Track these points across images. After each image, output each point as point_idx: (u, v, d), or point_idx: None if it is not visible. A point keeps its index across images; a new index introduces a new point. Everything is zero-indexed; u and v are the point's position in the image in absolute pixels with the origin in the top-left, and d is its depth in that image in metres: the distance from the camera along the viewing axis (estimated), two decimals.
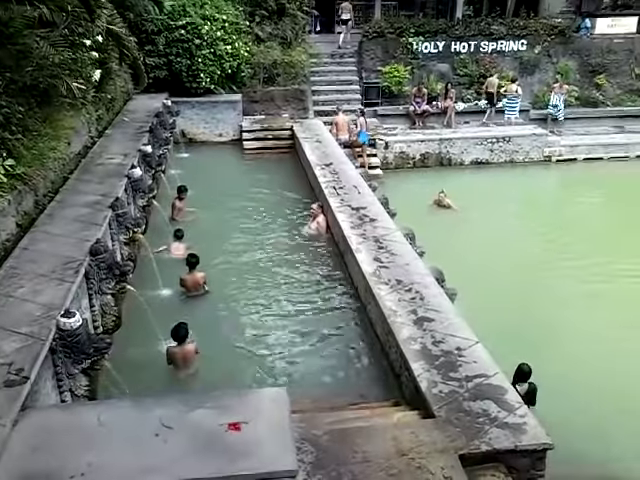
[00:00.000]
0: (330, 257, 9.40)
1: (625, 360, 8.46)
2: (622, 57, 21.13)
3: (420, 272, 7.67)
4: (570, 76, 20.38)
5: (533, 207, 14.89)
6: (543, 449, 4.90)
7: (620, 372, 8.18)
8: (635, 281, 10.82)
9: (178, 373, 6.65)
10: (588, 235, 13.12)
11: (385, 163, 16.60)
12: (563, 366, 8.27)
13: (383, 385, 6.36)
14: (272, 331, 7.46)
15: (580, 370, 8.18)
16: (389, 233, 8.88)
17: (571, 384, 7.88)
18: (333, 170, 12.13)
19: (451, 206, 13.86)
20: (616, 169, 17.30)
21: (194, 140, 16.00)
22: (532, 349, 8.53)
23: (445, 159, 16.93)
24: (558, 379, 7.92)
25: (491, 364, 5.84)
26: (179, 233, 9.25)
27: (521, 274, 10.96)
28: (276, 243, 9.98)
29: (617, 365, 8.33)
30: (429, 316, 6.60)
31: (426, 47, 20.03)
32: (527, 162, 17.16)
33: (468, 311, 7.40)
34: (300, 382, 6.45)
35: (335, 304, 8.03)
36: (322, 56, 19.93)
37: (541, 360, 8.27)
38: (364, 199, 10.44)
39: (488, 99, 19.35)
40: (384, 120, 18.76)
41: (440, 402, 5.25)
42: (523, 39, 20.56)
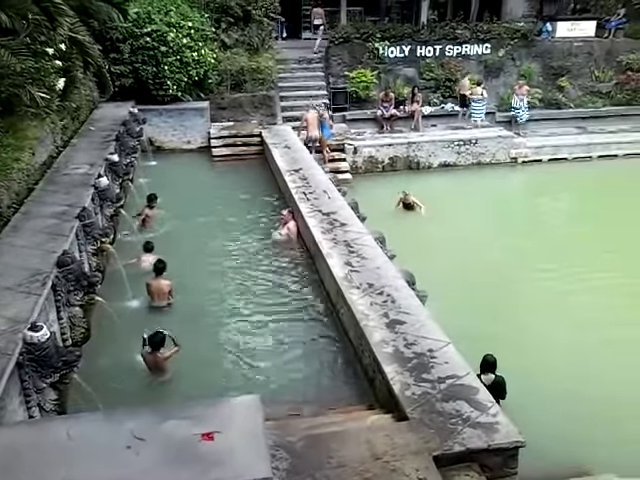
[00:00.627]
0: (301, 262, 9.40)
1: (592, 361, 8.61)
2: (582, 60, 21.60)
3: (391, 275, 7.72)
4: (533, 78, 20.74)
5: (501, 208, 15.12)
6: (515, 447, 4.96)
7: (587, 373, 8.32)
8: (603, 282, 11.02)
9: (151, 379, 6.58)
10: (555, 235, 13.36)
11: (354, 167, 16.67)
12: (531, 366, 8.39)
13: (357, 389, 6.38)
14: (243, 338, 7.43)
15: (547, 370, 8.31)
16: (360, 237, 8.92)
17: (540, 383, 8.01)
18: (303, 175, 12.15)
19: (416, 203, 13.90)
20: (580, 169, 17.67)
21: (162, 148, 15.86)
22: (502, 349, 8.60)
23: (413, 162, 17.07)
24: (526, 377, 8.04)
25: (463, 365, 5.91)
26: (149, 245, 9.13)
27: (490, 275, 11.09)
28: (246, 249, 9.94)
29: (584, 366, 8.46)
30: (401, 319, 6.64)
31: (392, 52, 20.20)
32: (494, 164, 17.41)
33: (439, 313, 7.48)
34: (273, 389, 6.44)
35: (307, 309, 8.03)
36: (289, 62, 19.96)
37: (510, 360, 8.39)
38: (334, 204, 10.47)
39: (461, 101, 19.59)
40: (352, 125, 18.85)
41: (413, 404, 5.29)
42: (487, 43, 20.88)
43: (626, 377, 8.24)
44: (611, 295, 10.58)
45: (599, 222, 13.89)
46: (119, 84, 15.42)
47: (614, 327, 9.49)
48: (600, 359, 8.65)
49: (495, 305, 10.03)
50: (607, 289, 10.81)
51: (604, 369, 8.39)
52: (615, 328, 9.45)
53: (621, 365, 8.52)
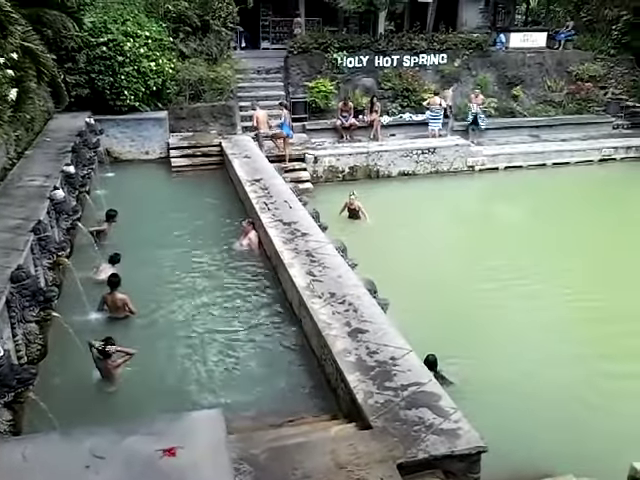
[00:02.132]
0: (263, 273, 9.37)
1: (548, 363, 8.76)
2: (535, 70, 22.20)
3: (353, 284, 7.76)
4: (489, 88, 21.19)
5: (459, 216, 15.35)
6: (478, 452, 5.03)
7: (544, 376, 8.45)
8: (559, 285, 11.29)
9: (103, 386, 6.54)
10: (512, 241, 13.61)
11: (315, 177, 16.71)
12: (490, 370, 8.51)
13: (320, 399, 6.37)
14: (204, 350, 7.34)
15: (505, 374, 8.42)
16: (321, 246, 8.95)
17: (498, 388, 8.11)
18: (263, 185, 12.14)
19: (361, 210, 13.92)
20: (535, 177, 18.09)
21: (120, 159, 15.62)
22: (461, 354, 8.77)
23: (373, 171, 17.20)
24: (485, 382, 8.15)
25: (425, 372, 5.98)
26: (116, 257, 8.98)
27: (449, 281, 11.23)
28: (207, 261, 9.85)
29: (540, 369, 8.58)
30: (363, 327, 6.68)
31: (351, 62, 20.37)
32: (452, 172, 17.68)
33: (401, 320, 7.55)
34: (236, 401, 6.38)
35: (269, 320, 7.99)
36: (248, 72, 19.94)
37: (469, 365, 8.54)
38: (295, 213, 10.49)
39: (444, 113, 19.71)
40: (312, 135, 18.92)
41: (377, 412, 5.31)
42: (443, 53, 21.24)
43: (583, 380, 8.43)
44: (569, 299, 10.82)
45: (554, 228, 14.23)
46: (75, 94, 15.18)
47: (571, 329, 9.75)
48: (556, 361, 8.83)
49: (454, 311, 10.14)
50: (564, 292, 11.05)
51: (560, 372, 8.56)
52: (571, 330, 9.71)
53: (577, 368, 8.71)
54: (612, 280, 11.67)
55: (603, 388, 8.22)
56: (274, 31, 25.05)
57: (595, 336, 9.57)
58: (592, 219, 14.83)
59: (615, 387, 8.23)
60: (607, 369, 8.65)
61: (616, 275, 11.90)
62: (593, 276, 11.90)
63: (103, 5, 16.52)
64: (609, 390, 8.17)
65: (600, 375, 8.54)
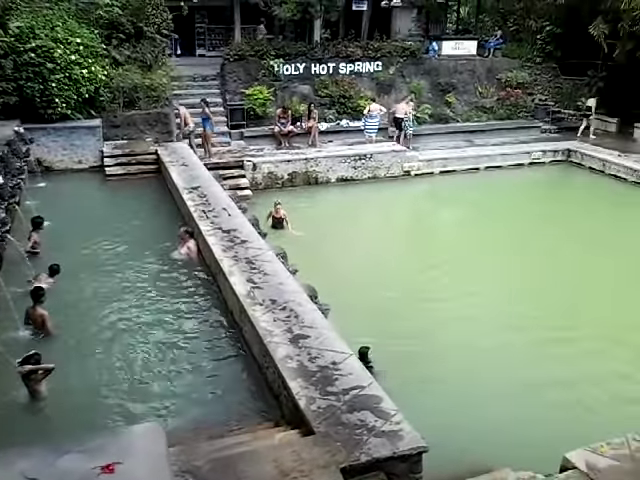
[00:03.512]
0: (202, 281, 9.26)
1: (486, 363, 9.03)
2: (467, 77, 22.89)
3: (293, 290, 7.78)
4: (423, 94, 21.68)
5: (396, 219, 15.67)
6: (419, 452, 5.13)
7: (481, 374, 8.71)
8: (497, 283, 11.68)
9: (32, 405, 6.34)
10: (447, 243, 14.01)
11: (254, 184, 16.65)
12: (428, 371, 8.71)
13: (263, 407, 6.35)
14: (143, 362, 7.19)
15: (443, 375, 8.64)
16: (261, 253, 8.94)
17: (437, 383, 8.32)
18: (201, 193, 12.03)
19: (286, 218, 13.93)
20: (469, 180, 18.62)
21: (51, 168, 15.12)
22: (401, 355, 8.93)
23: (312, 178, 17.30)
24: (423, 383, 8.35)
25: (366, 375, 6.05)
26: (55, 266, 8.70)
27: (388, 285, 11.43)
28: (144, 271, 9.65)
29: (478, 368, 8.83)
30: (304, 333, 6.71)
31: (287, 69, 20.46)
32: (389, 177, 17.97)
33: (341, 324, 7.64)
34: (177, 413, 6.27)
35: (209, 329, 7.91)
36: (184, 79, 19.71)
37: (409, 366, 8.71)
38: (234, 221, 10.43)
39: (396, 124, 19.95)
40: (250, 141, 18.87)
41: (319, 418, 5.34)
42: (378, 60, 21.63)
43: (517, 373, 8.72)
44: (504, 294, 11.26)
45: (488, 228, 14.73)
46: (2, 102, 14.60)
47: (506, 324, 10.06)
48: (490, 356, 9.11)
49: (393, 313, 10.33)
50: (500, 288, 11.51)
51: (495, 366, 8.84)
52: (506, 325, 10.02)
53: (511, 361, 9.03)
54: (546, 274, 12.23)
55: (537, 380, 8.52)
56: (210, 38, 24.90)
57: (531, 330, 9.94)
58: (523, 219, 15.43)
59: (549, 379, 8.55)
60: (541, 361, 8.99)
61: (549, 268, 12.48)
62: (528, 271, 12.38)
63: (30, 10, 16.00)
64: (543, 382, 8.48)
65: (534, 367, 8.86)
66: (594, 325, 10.21)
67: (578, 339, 9.65)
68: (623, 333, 9.88)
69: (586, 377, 8.71)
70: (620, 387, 8.59)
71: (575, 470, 5.28)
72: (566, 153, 20.57)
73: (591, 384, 8.58)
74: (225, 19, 23.68)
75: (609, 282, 12.01)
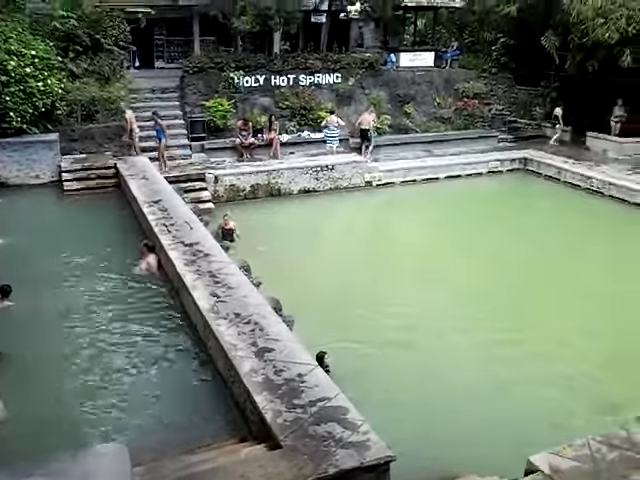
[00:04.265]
0: (164, 297, 9.15)
1: (451, 368, 9.17)
2: (425, 88, 23.26)
3: (258, 303, 7.77)
4: (382, 106, 21.93)
5: (358, 229, 15.80)
6: (386, 462, 5.16)
7: (448, 381, 8.84)
8: (456, 292, 11.85)
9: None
10: (409, 250, 14.17)
11: (216, 196, 16.56)
12: (395, 379, 8.78)
13: (229, 422, 6.30)
14: (104, 381, 7.05)
15: (410, 382, 8.73)
16: (224, 267, 8.89)
17: (404, 395, 8.38)
18: (162, 207, 11.91)
19: (235, 231, 13.87)
20: (428, 190, 18.88)
21: (6, 184, 14.77)
22: (366, 363, 8.99)
23: (274, 189, 17.31)
24: (390, 392, 8.41)
25: (332, 386, 6.06)
26: (6, 287, 8.46)
27: (353, 292, 11.53)
28: (104, 288, 9.48)
29: (445, 374, 8.98)
30: (269, 346, 6.69)
31: (247, 81, 20.47)
32: (351, 188, 18.10)
33: (307, 336, 7.65)
34: (141, 432, 6.17)
35: (173, 345, 7.81)
36: (143, 91, 19.52)
37: (375, 374, 8.77)
38: (197, 234, 10.36)
39: (361, 136, 19.97)
40: (212, 154, 18.76)
41: (286, 431, 5.33)
42: (338, 72, 21.81)
43: (481, 377, 8.86)
44: (463, 300, 11.52)
45: (448, 235, 15.01)
46: None
47: (466, 329, 10.23)
48: (454, 362, 9.25)
49: (356, 322, 10.41)
50: (459, 294, 11.75)
51: (457, 370, 8.97)
52: (465, 330, 10.20)
53: (473, 366, 9.17)
54: (501, 277, 12.64)
55: (501, 385, 8.69)
56: (169, 50, 24.72)
57: (490, 334, 10.13)
58: (481, 226, 15.78)
59: (512, 384, 8.71)
60: (503, 366, 9.16)
61: (505, 273, 12.89)
62: (484, 276, 12.68)
63: None
64: (507, 387, 8.65)
65: (496, 372, 9.02)
66: (542, 327, 10.52)
67: (527, 342, 9.91)
68: (568, 335, 10.18)
69: (535, 379, 8.90)
70: (571, 388, 8.81)
71: (539, 473, 5.37)
72: (523, 162, 21.08)
73: (542, 386, 8.76)
74: (184, 31, 23.57)
75: (557, 285, 12.38)
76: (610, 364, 9.49)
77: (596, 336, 10.17)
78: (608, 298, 11.78)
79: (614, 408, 8.26)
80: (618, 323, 10.84)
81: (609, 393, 8.70)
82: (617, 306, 11.47)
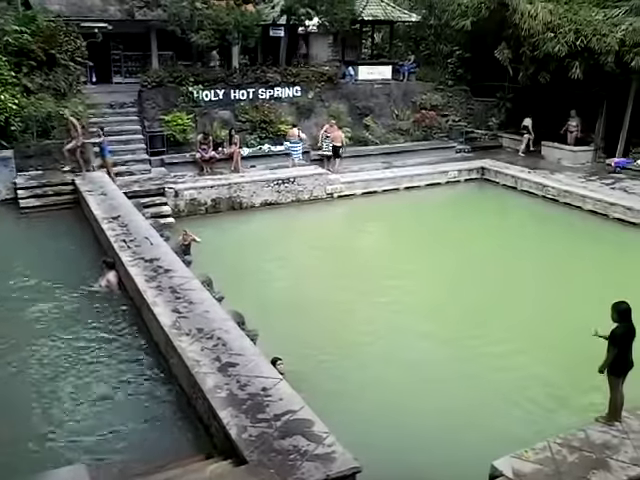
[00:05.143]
0: (125, 314, 9.02)
1: (411, 373, 9.26)
2: (383, 100, 23.56)
3: (220, 318, 7.73)
4: (342, 118, 22.10)
5: (320, 241, 15.84)
6: (353, 473, 5.18)
7: (406, 385, 8.94)
8: (418, 299, 12.01)
9: None
10: (370, 261, 14.28)
11: (177, 211, 16.42)
12: (360, 389, 8.83)
13: (193, 439, 6.24)
14: (64, 402, 6.91)
15: (375, 393, 8.78)
16: (186, 282, 8.82)
17: (369, 406, 8.42)
18: (122, 222, 11.77)
19: (193, 242, 13.77)
20: (389, 201, 19.08)
21: None
22: (331, 376, 9.01)
23: (236, 203, 17.25)
24: (354, 401, 8.44)
25: (297, 399, 6.06)
26: None
27: (315, 304, 11.56)
28: (63, 307, 9.29)
29: (409, 386, 9.03)
30: (233, 361, 6.66)
31: (207, 95, 20.41)
32: (312, 200, 18.18)
33: (271, 349, 7.64)
34: (104, 453, 6.06)
35: (134, 363, 7.70)
36: (101, 107, 19.26)
37: (344, 385, 8.79)
38: (157, 250, 10.26)
39: (334, 151, 20.23)
40: (172, 168, 18.60)
41: (251, 446, 5.31)
42: (297, 86, 21.92)
43: (440, 384, 8.97)
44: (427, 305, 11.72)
45: (408, 244, 15.19)
46: None
47: (426, 335, 10.39)
48: (415, 370, 9.33)
49: (323, 333, 10.43)
50: (423, 300, 11.95)
51: (418, 379, 9.06)
52: (425, 336, 10.34)
53: (446, 377, 9.26)
54: (461, 282, 12.87)
55: (460, 390, 8.79)
56: (126, 65, 24.47)
57: (449, 338, 10.33)
58: (441, 235, 16.02)
59: (472, 389, 8.83)
60: (462, 372, 9.28)
61: (465, 277, 13.13)
62: (447, 283, 12.88)
63: None
64: (466, 393, 8.76)
65: (454, 378, 9.14)
66: (507, 330, 10.71)
67: (489, 346, 10.07)
68: (537, 337, 10.39)
69: (503, 382, 9.05)
70: (537, 389, 8.98)
71: (503, 477, 5.47)
72: (480, 171, 21.50)
73: (510, 388, 8.91)
74: (141, 46, 23.37)
75: (520, 287, 12.70)
76: (562, 366, 9.66)
77: (555, 339, 10.39)
78: (563, 299, 12.09)
79: (574, 410, 8.44)
80: (571, 324, 11.09)
81: (569, 395, 8.89)
82: (570, 307, 11.77)
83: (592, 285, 12.77)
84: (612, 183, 19.23)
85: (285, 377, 7.19)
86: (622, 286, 12.81)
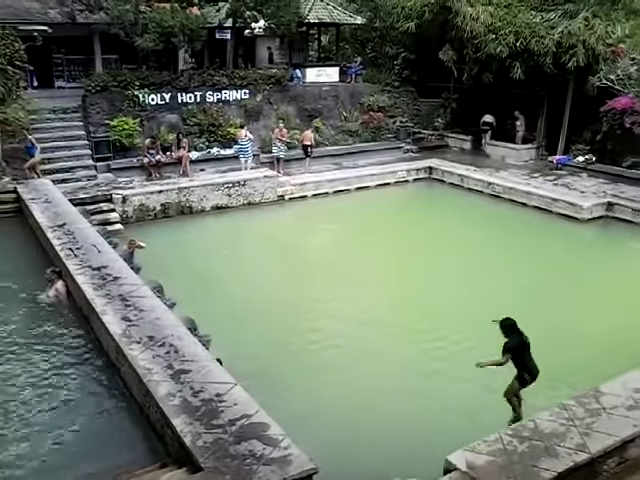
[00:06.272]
0: (74, 324, 8.79)
1: (366, 374, 9.34)
2: (331, 102, 23.71)
3: (172, 324, 7.63)
4: (291, 121, 22.12)
5: (272, 243, 15.83)
6: (309, 475, 5.19)
7: (360, 384, 9.02)
8: (375, 296, 12.13)
9: None
10: (322, 262, 14.34)
11: (125, 217, 16.10)
12: (316, 392, 8.85)
13: (147, 449, 6.13)
14: (12, 416, 6.69)
15: (327, 394, 8.83)
16: (135, 289, 8.68)
17: (321, 407, 8.45)
18: (68, 230, 11.49)
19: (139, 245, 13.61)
20: (340, 201, 19.20)
21: None
22: (286, 380, 9.00)
23: (186, 207, 17.03)
24: (308, 402, 8.46)
25: (251, 403, 6.03)
26: None
27: (270, 306, 11.55)
28: (7, 321, 8.98)
29: (362, 383, 9.11)
30: (186, 368, 6.58)
31: (153, 99, 20.12)
32: (263, 203, 18.12)
33: (224, 353, 7.58)
34: (54, 468, 5.89)
35: (84, 373, 7.52)
36: (43, 112, 18.75)
37: (296, 388, 8.80)
38: (105, 257, 10.06)
39: (304, 150, 20.48)
40: (119, 174, 18.27)
41: (206, 453, 5.26)
42: (245, 88, 21.85)
43: (395, 382, 9.08)
44: (378, 302, 11.82)
45: (360, 244, 15.34)
46: None
47: (375, 333, 10.50)
48: (369, 369, 9.42)
49: (276, 334, 10.43)
50: (375, 298, 12.05)
51: (384, 381, 9.14)
52: (375, 334, 10.46)
53: (401, 374, 9.36)
54: (414, 278, 13.21)
55: (415, 388, 8.91)
56: (69, 69, 23.90)
57: (406, 335, 10.46)
58: (391, 233, 16.24)
59: (425, 386, 8.97)
60: (414, 369, 9.43)
61: (417, 273, 13.50)
62: (399, 280, 13.12)
63: None
64: (421, 389, 8.89)
65: (409, 375, 9.26)
66: (457, 324, 10.95)
67: (442, 341, 10.28)
68: (484, 331, 10.63)
69: (453, 376, 9.22)
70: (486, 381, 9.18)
71: (457, 471, 5.57)
72: (428, 170, 21.84)
73: (461, 383, 9.08)
74: (84, 49, 22.85)
75: (466, 280, 13.09)
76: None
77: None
78: (506, 290, 12.47)
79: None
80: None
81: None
82: (512, 296, 12.12)
83: (538, 277, 13.21)
84: (554, 179, 19.86)
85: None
86: (566, 277, 13.38)
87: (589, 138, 20.88)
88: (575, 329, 10.92)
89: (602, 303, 12.06)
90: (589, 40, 19.25)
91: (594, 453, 5.68)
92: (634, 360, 7.69)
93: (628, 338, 10.29)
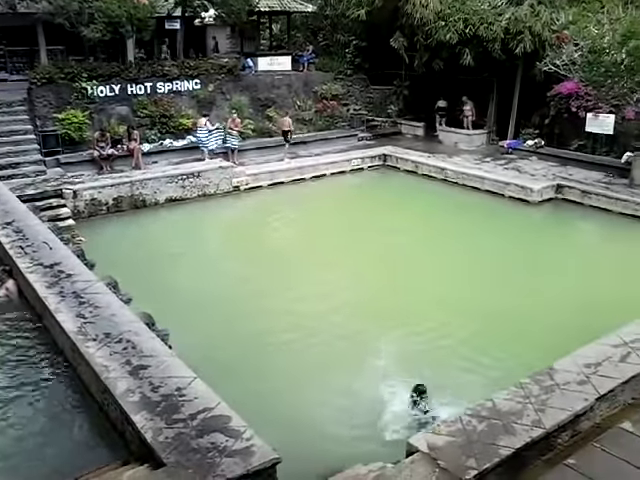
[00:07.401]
0: (26, 323, 8.54)
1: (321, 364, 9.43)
2: (284, 91, 23.63)
3: (128, 320, 7.50)
4: (244, 110, 21.95)
5: (227, 234, 15.76)
6: (273, 465, 5.19)
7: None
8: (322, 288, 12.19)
9: None
10: (280, 253, 14.35)
11: (77, 212, 15.72)
12: (272, 383, 8.87)
13: (108, 447, 6.02)
14: None
15: (284, 385, 8.87)
16: (90, 286, 8.49)
17: (279, 400, 8.48)
18: (17, 228, 11.12)
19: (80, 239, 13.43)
20: (296, 191, 19.21)
21: None
22: (246, 373, 9.01)
23: (139, 201, 16.75)
24: (267, 397, 8.47)
25: (212, 396, 5.98)
26: None
27: (227, 298, 11.51)
28: None
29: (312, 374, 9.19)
30: (144, 363, 6.49)
31: (102, 91, 19.67)
32: (219, 194, 17.97)
33: (183, 347, 7.51)
34: (11, 468, 5.75)
35: (39, 373, 7.32)
36: None
37: (251, 381, 8.80)
38: (57, 254, 9.79)
39: (283, 136, 20.84)
40: (68, 168, 17.83)
41: (168, 448, 5.20)
42: (196, 78, 21.56)
43: (362, 371, 9.19)
44: (336, 291, 11.92)
45: (318, 235, 15.40)
46: None
47: (345, 326, 10.56)
48: (329, 360, 9.53)
49: (233, 327, 10.40)
50: (333, 287, 12.10)
51: (340, 369, 9.25)
52: (346, 327, 10.53)
53: (357, 360, 9.49)
54: (372, 265, 13.35)
55: (374, 370, 9.03)
56: (12, 61, 23.09)
57: (362, 322, 10.61)
58: (347, 220, 16.43)
59: (388, 370, 9.11)
60: (374, 351, 9.61)
61: (374, 260, 13.63)
62: (356, 268, 13.25)
63: None
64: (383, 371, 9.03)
65: (369, 357, 9.41)
66: (411, 308, 11.16)
67: (403, 326, 10.46)
68: (442, 313, 10.86)
69: (409, 360, 9.42)
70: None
71: (418, 453, 5.67)
72: (382, 158, 22.04)
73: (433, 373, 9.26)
74: (28, 40, 22.10)
75: (424, 264, 13.39)
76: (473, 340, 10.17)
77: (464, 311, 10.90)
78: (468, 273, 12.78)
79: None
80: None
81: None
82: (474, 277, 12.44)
83: (491, 259, 13.56)
84: (505, 163, 20.31)
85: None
86: (518, 257, 13.73)
87: (538, 122, 21.39)
88: (527, 305, 11.25)
89: (554, 281, 12.46)
90: (535, 26, 19.67)
91: (549, 428, 5.86)
92: (585, 333, 7.93)
93: (578, 312, 10.70)
